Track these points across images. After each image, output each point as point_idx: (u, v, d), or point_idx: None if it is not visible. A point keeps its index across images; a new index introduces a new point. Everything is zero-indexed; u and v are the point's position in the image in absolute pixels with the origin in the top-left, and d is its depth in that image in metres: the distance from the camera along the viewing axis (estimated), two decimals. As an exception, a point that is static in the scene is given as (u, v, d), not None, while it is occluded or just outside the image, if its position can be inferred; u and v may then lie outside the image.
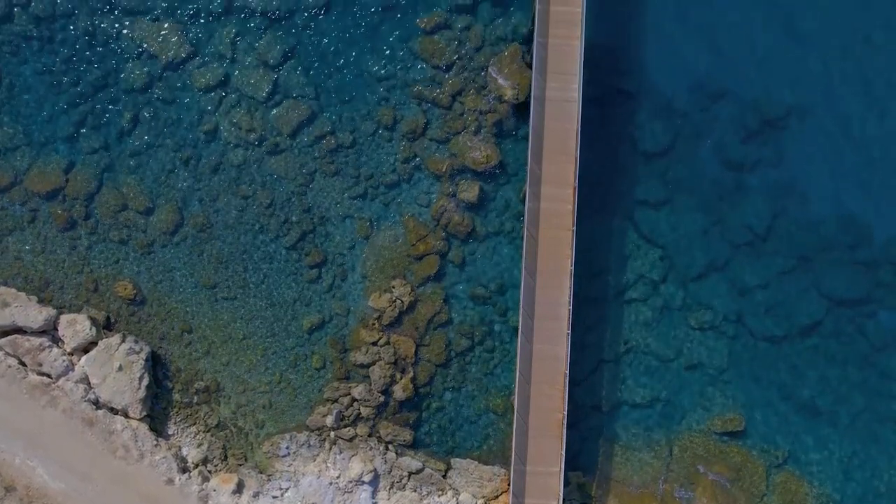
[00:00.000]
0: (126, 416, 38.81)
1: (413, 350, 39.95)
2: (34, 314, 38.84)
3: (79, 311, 39.96)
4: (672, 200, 41.56)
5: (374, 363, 39.77)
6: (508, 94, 40.44)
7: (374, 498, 39.03)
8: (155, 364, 39.97)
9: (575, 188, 38.28)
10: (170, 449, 38.81)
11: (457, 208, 40.67)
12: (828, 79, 41.97)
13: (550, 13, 39.02)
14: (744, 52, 42.01)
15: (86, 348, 39.18)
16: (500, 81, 40.25)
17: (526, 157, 39.35)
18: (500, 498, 39.12)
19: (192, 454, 39.30)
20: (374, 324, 40.12)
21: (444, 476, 39.71)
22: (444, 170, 40.78)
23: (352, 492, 38.89)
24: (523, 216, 39.31)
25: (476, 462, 39.83)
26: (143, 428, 38.65)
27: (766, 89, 41.83)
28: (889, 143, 42.15)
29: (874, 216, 41.75)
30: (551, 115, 38.72)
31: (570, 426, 38.21)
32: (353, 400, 39.73)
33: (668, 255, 41.25)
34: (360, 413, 39.67)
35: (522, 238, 38.84)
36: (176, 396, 40.05)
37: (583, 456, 40.01)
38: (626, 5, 41.86)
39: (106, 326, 40.07)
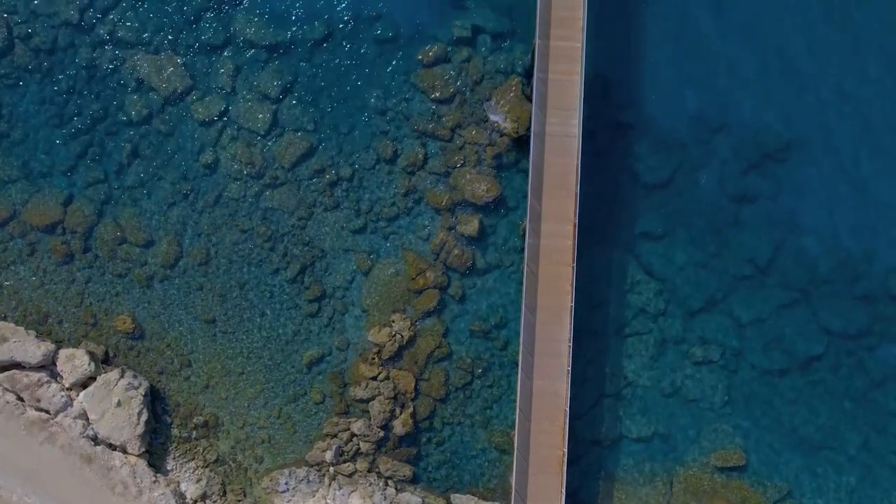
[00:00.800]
0: (125, 451, 38.67)
1: (413, 385, 39.84)
2: (32, 349, 38.73)
3: (77, 345, 39.87)
4: (672, 233, 41.42)
5: (373, 398, 39.66)
6: (508, 127, 40.45)
7: (373, 534, 38.95)
8: (154, 399, 39.85)
9: (575, 224, 38.23)
10: (168, 485, 38.67)
11: (457, 242, 40.62)
12: (825, 112, 41.93)
13: (550, 48, 39.03)
14: (742, 85, 41.97)
15: (84, 383, 39.07)
16: (494, 118, 40.32)
17: (526, 190, 39.32)
18: (499, 533, 39.08)
19: (190, 490, 39.15)
20: (373, 358, 40.01)
21: (443, 512, 39.64)
22: (443, 203, 40.74)
23: (351, 528, 38.83)
24: (523, 250, 39.25)
25: (476, 498, 39.65)
26: (142, 464, 38.51)
27: (765, 122, 41.77)
28: (887, 176, 42.10)
29: (874, 249, 41.63)
30: (551, 151, 38.70)
31: (571, 461, 38.05)
32: (353, 435, 39.59)
33: (668, 289, 41.12)
34: (359, 448, 39.54)
35: (522, 274, 38.74)
36: (175, 431, 39.92)
37: (583, 491, 39.86)
38: (626, 39, 41.87)
39: (105, 361, 39.95)
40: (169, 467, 39.40)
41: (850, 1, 42.13)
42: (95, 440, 38.58)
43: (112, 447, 38.69)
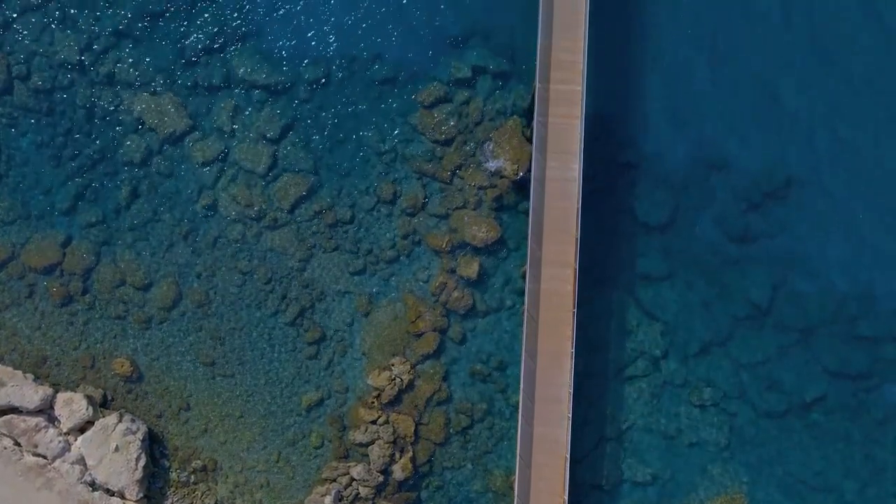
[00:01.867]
0: (123, 497, 38.41)
1: (412, 429, 39.62)
2: (30, 394, 38.53)
3: (75, 388, 39.66)
4: (673, 274, 41.24)
5: (373, 442, 39.43)
6: (507, 169, 40.34)
7: (372, 579, 38.71)
8: (152, 442, 39.60)
9: (575, 269, 38.07)
10: (167, 530, 38.51)
11: (457, 284, 40.45)
12: (820, 155, 41.89)
13: (550, 92, 38.94)
14: (740, 126, 41.95)
15: (82, 428, 38.83)
16: (489, 165, 40.27)
17: (526, 232, 39.17)
18: (500, 579, 38.84)
19: (189, 535, 38.97)
20: (373, 402, 39.81)
21: (443, 557, 39.40)
22: (443, 245, 40.60)
23: (350, 573, 38.57)
24: (523, 293, 39.08)
25: (476, 543, 39.57)
26: (140, 510, 38.34)
27: (765, 162, 41.74)
28: (884, 215, 42.02)
29: (876, 288, 41.50)
30: (551, 195, 38.57)
31: (571, 506, 37.94)
32: (352, 479, 39.34)
33: (669, 330, 40.91)
34: (358, 493, 39.29)
35: (523, 319, 38.56)
36: (173, 475, 39.68)
37: (584, 537, 39.72)
38: (626, 81, 41.82)
39: (103, 404, 39.72)
40: (167, 512, 39.24)
41: (843, 44, 42.17)
42: (93, 486, 38.33)
43: (110, 493, 38.43)
